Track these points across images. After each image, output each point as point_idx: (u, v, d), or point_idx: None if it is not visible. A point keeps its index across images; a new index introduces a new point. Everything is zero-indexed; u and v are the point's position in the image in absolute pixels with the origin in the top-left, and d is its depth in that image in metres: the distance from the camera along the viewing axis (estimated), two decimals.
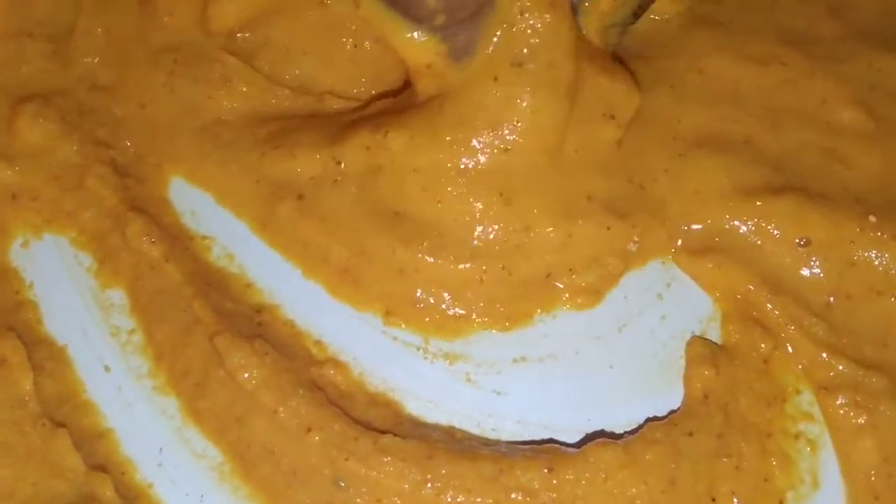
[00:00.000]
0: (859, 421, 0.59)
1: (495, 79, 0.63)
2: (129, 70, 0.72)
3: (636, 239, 0.65)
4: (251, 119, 0.70)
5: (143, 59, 0.72)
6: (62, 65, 0.71)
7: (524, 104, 0.63)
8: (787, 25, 0.73)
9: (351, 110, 0.69)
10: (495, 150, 0.64)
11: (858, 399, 0.59)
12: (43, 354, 0.62)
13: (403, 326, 0.64)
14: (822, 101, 0.69)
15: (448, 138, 0.64)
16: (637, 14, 0.69)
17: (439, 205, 0.64)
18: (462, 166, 0.64)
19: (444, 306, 0.64)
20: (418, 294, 0.64)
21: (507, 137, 0.64)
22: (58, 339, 0.63)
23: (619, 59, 0.70)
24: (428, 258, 0.64)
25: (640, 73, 0.69)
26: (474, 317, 0.64)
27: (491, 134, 0.64)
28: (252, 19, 0.71)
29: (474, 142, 0.64)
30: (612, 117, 0.66)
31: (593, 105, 0.66)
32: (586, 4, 0.65)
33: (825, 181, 0.66)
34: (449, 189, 0.64)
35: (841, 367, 0.60)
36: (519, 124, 0.64)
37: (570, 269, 0.65)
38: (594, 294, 0.64)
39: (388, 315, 0.64)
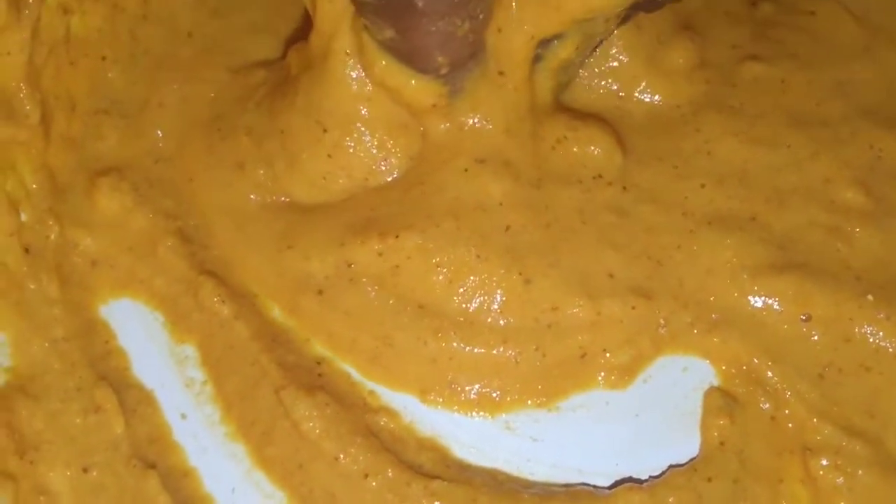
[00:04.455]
0: (837, 481, 0.60)
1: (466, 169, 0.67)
2: (185, 141, 0.73)
3: (663, 322, 0.66)
4: (267, 210, 0.70)
5: (198, 131, 0.73)
6: (133, 138, 0.73)
7: (487, 181, 0.67)
8: (795, 107, 0.74)
9: (348, 200, 0.69)
10: (498, 228, 0.66)
11: (839, 463, 0.60)
12: (135, 398, 0.64)
13: (441, 404, 0.65)
14: (824, 181, 0.70)
15: (446, 226, 0.66)
16: (591, 53, 0.71)
17: (464, 293, 0.65)
18: (476, 254, 0.66)
19: (479, 386, 0.65)
20: (450, 377, 0.65)
21: (496, 215, 0.66)
22: (146, 384, 0.65)
23: (594, 116, 0.70)
24: (461, 346, 0.65)
25: (643, 149, 0.71)
26: (512, 397, 0.65)
27: (485, 214, 0.66)
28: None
29: (474, 225, 0.66)
30: (601, 177, 0.68)
31: (576, 169, 0.68)
32: (547, 52, 0.67)
33: (827, 259, 0.67)
34: (472, 278, 0.65)
35: (828, 432, 0.62)
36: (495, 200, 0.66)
37: (604, 349, 0.65)
38: (628, 373, 0.66)
39: (424, 394, 0.65)
